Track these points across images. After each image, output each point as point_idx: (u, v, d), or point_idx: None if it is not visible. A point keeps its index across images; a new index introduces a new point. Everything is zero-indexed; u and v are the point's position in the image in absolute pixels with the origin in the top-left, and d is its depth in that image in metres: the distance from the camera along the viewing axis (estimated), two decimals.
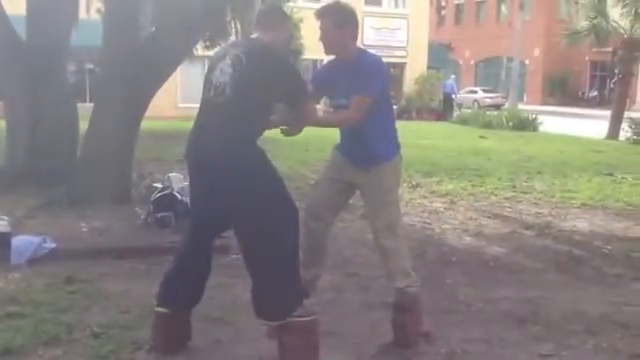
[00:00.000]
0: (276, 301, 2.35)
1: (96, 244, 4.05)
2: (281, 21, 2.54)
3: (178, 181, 4.78)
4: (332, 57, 2.69)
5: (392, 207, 2.65)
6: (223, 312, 2.99)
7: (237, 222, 2.40)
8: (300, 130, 2.59)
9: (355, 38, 2.62)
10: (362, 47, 2.65)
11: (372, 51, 2.90)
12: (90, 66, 15.16)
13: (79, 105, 6.04)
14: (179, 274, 2.52)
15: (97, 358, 2.48)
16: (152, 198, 4.65)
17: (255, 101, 2.32)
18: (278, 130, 2.59)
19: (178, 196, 4.52)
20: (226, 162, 2.27)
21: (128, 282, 3.40)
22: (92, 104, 5.55)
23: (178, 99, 17.10)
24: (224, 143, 2.29)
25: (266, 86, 2.33)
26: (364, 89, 2.52)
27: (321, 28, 2.59)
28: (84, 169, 5.24)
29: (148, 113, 5.67)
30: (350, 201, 2.92)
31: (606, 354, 2.67)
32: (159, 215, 4.51)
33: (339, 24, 2.56)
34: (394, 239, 2.62)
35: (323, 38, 2.59)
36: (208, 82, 2.41)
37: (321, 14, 2.61)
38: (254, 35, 2.52)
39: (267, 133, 2.64)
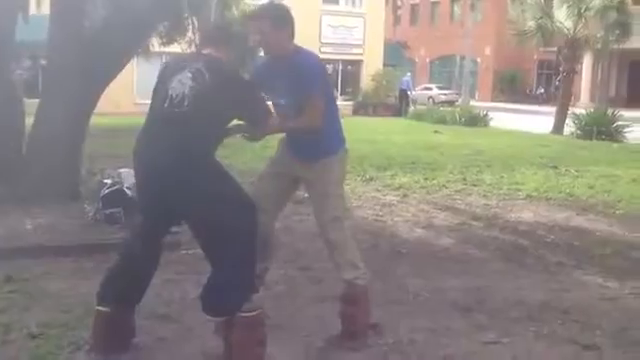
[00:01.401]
0: (226, 297, 2.33)
1: (39, 242, 3.90)
2: (229, 39, 2.57)
3: (129, 177, 4.65)
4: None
5: (337, 200, 2.65)
6: (170, 309, 2.94)
7: (192, 222, 2.40)
8: (263, 136, 2.61)
9: (292, 37, 2.60)
10: (297, 45, 2.61)
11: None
12: (44, 62, 14.50)
13: (31, 101, 5.78)
14: (124, 271, 2.46)
15: (33, 359, 2.38)
16: (101, 194, 4.52)
17: (213, 117, 2.33)
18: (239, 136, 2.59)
19: (128, 192, 4.40)
20: (177, 171, 2.26)
21: (72, 280, 3.29)
22: None
23: (135, 96, 16.65)
24: (176, 155, 2.26)
25: (227, 104, 2.35)
26: (311, 89, 2.52)
27: (259, 31, 2.54)
28: (31, 166, 5.04)
29: (105, 109, 5.50)
30: (306, 195, 2.92)
31: (546, 340, 2.77)
32: (108, 211, 4.39)
33: (278, 25, 2.53)
34: (341, 231, 2.63)
35: (262, 40, 2.55)
36: (162, 92, 2.36)
37: (258, 16, 2.58)
38: (205, 51, 2.53)
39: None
